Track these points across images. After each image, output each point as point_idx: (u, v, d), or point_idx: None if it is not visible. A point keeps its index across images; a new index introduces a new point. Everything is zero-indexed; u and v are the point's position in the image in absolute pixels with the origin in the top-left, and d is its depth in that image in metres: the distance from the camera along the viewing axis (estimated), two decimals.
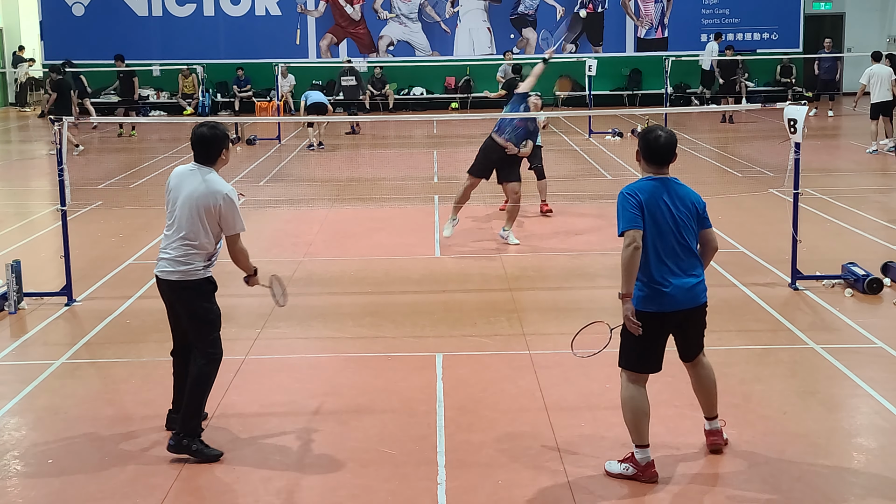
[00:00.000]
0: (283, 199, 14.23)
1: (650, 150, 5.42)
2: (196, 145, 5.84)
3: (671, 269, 5.31)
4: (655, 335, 5.38)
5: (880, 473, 5.51)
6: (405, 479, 5.46)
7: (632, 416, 5.41)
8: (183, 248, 5.76)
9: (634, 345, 5.39)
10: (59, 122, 8.91)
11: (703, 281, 5.42)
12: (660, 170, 5.42)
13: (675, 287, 5.30)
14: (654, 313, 5.32)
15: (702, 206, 5.47)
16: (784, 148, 9.50)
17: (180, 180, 5.87)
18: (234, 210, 5.81)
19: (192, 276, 5.79)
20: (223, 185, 5.83)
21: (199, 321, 5.84)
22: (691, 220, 5.37)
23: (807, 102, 10.23)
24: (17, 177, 17.92)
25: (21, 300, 8.81)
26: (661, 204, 5.30)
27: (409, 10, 28.80)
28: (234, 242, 5.88)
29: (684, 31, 28.66)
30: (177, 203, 5.80)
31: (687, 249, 5.35)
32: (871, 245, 10.68)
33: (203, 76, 23.77)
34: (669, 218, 5.30)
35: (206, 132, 5.84)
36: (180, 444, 5.68)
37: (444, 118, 26.95)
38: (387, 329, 8.21)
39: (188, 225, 5.75)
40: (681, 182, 5.50)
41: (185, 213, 5.77)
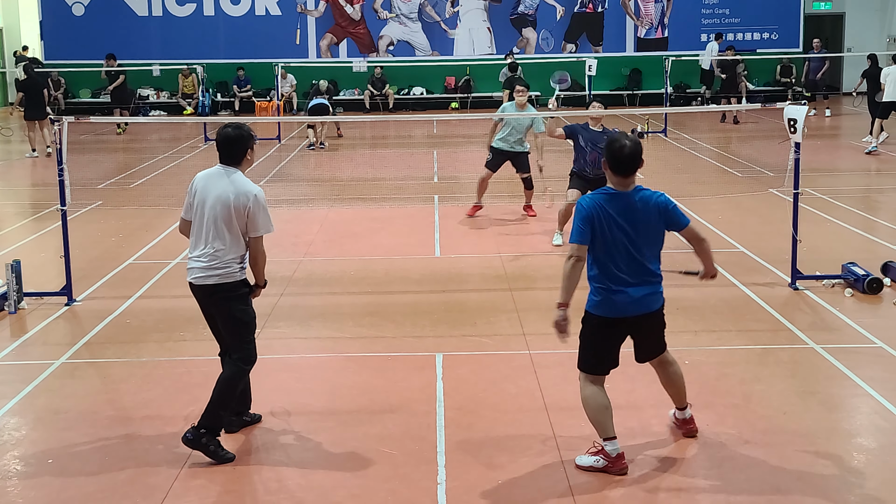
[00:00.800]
0: (283, 199, 14.23)
1: (615, 160, 5.47)
2: (221, 146, 5.84)
3: (624, 279, 5.43)
4: (609, 338, 5.57)
5: (880, 473, 5.51)
6: (405, 479, 5.46)
7: (594, 413, 5.56)
8: (217, 252, 5.75)
9: (591, 348, 5.59)
10: (58, 121, 8.90)
11: (657, 289, 5.54)
12: (624, 180, 5.48)
13: (626, 295, 5.43)
14: (606, 318, 5.50)
15: (670, 208, 5.55)
16: (784, 148, 9.50)
17: (206, 183, 5.84)
18: (263, 211, 5.81)
19: (229, 278, 5.78)
20: (252, 186, 5.83)
21: (236, 323, 5.83)
22: (652, 229, 5.46)
23: (806, 102, 10.21)
24: (17, 177, 17.92)
25: (21, 300, 8.81)
26: (616, 218, 5.39)
27: (409, 10, 28.80)
28: (257, 244, 5.86)
29: (684, 30, 28.66)
30: (205, 206, 5.77)
31: (641, 260, 5.44)
32: (871, 245, 10.68)
33: (203, 76, 23.76)
34: (623, 231, 5.39)
35: (231, 132, 5.83)
36: (199, 440, 5.66)
37: (444, 118, 26.94)
38: (387, 329, 8.21)
39: (220, 228, 5.75)
40: (644, 189, 5.55)
41: (216, 216, 5.75)
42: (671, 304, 8.58)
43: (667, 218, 5.52)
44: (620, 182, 5.48)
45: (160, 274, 9.92)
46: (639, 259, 5.44)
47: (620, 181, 5.48)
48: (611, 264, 5.42)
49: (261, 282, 6.01)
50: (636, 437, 5.93)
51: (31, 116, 19.36)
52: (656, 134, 21.48)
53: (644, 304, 5.49)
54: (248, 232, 5.80)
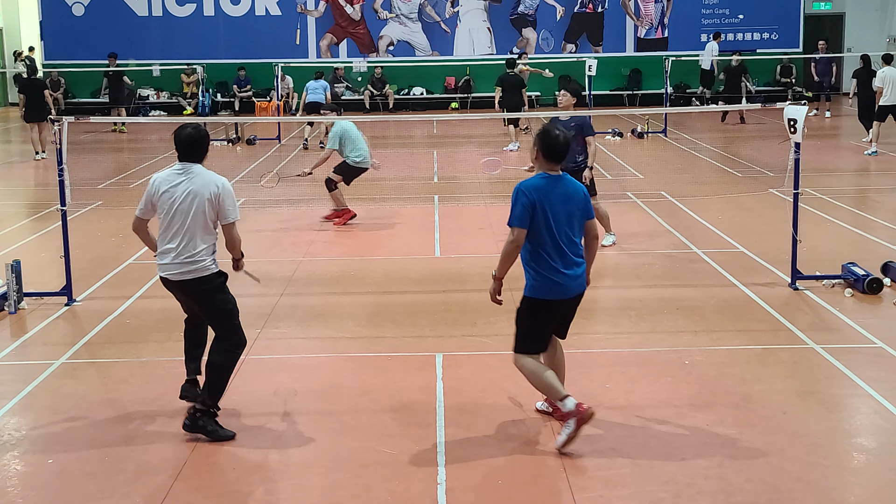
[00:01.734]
0: (283, 199, 14.23)
1: (550, 148, 5.76)
2: (186, 145, 6.07)
3: (561, 262, 5.74)
4: (545, 320, 5.88)
5: (880, 473, 5.51)
6: (405, 479, 5.46)
7: (540, 381, 5.84)
8: (189, 247, 5.96)
9: (528, 331, 5.87)
10: (58, 122, 8.90)
11: (583, 270, 5.89)
12: (555, 167, 5.80)
13: (568, 277, 5.77)
14: (545, 301, 5.80)
15: (587, 196, 5.92)
16: (784, 148, 9.50)
17: (172, 181, 6.04)
18: (231, 198, 6.07)
19: (204, 272, 6.01)
20: (218, 177, 6.11)
21: (219, 314, 6.07)
22: (580, 213, 5.81)
23: (807, 102, 10.21)
24: (17, 177, 17.92)
25: (21, 300, 8.81)
26: (553, 201, 5.70)
27: (409, 10, 28.80)
28: (230, 231, 6.10)
29: (684, 31, 28.67)
30: (174, 205, 5.98)
31: (574, 242, 5.80)
32: (871, 245, 10.68)
33: (203, 76, 23.77)
34: (561, 214, 5.72)
35: (193, 132, 6.10)
36: (196, 423, 5.91)
37: (444, 118, 26.95)
38: (387, 329, 8.21)
39: (191, 223, 5.95)
40: (569, 177, 5.88)
41: (186, 212, 5.96)
42: (671, 304, 8.65)
43: (588, 205, 5.87)
44: (552, 168, 5.80)
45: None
46: (573, 241, 5.79)
47: (552, 167, 5.80)
48: (549, 247, 5.71)
49: (238, 255, 6.33)
50: (636, 436, 5.93)
51: (31, 118, 19.23)
52: (656, 134, 21.49)
53: (579, 285, 5.85)
54: (220, 220, 6.04)
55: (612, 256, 10.55)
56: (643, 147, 20.07)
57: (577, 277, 5.82)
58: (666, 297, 8.90)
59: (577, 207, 5.78)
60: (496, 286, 5.88)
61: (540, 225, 5.67)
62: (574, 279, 5.79)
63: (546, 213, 5.67)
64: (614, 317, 8.51)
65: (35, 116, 19.07)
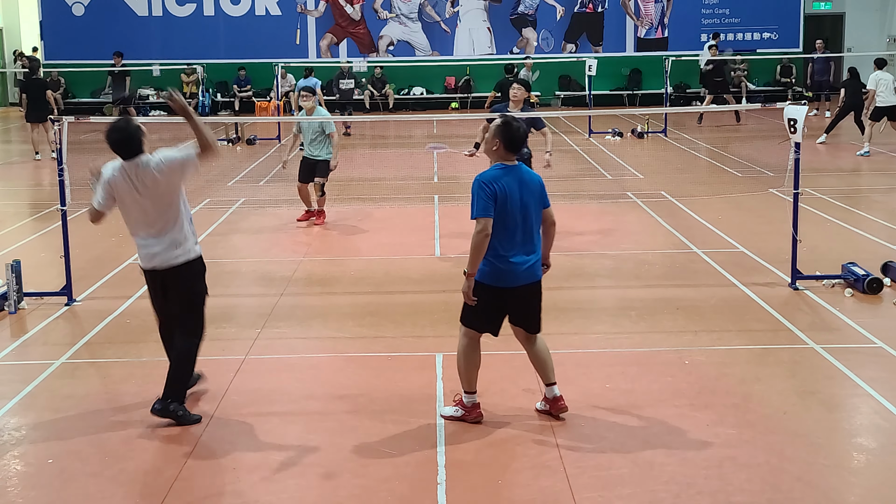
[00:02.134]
0: (283, 199, 14.23)
1: (511, 139, 5.93)
2: (120, 146, 6.16)
3: (514, 250, 5.88)
4: (494, 306, 5.99)
5: (880, 473, 5.51)
6: (405, 479, 5.46)
7: (465, 365, 6.10)
8: (170, 233, 6.05)
9: (475, 308, 5.98)
10: (58, 121, 8.90)
11: (539, 259, 6.03)
12: (512, 157, 5.96)
13: (515, 265, 5.88)
14: (494, 287, 5.92)
15: (543, 185, 6.08)
16: (784, 148, 9.49)
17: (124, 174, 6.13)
18: (173, 150, 6.11)
19: (191, 254, 6.12)
20: (154, 153, 6.19)
21: (194, 300, 6.20)
22: (536, 203, 5.96)
23: (807, 102, 10.21)
24: (17, 177, 17.91)
25: (21, 300, 8.81)
26: (512, 191, 5.85)
27: (409, 10, 28.80)
28: (189, 155, 6.11)
29: (684, 31, 28.67)
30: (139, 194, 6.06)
31: (529, 231, 5.93)
32: (871, 245, 10.68)
33: (203, 76, 23.78)
34: (518, 203, 5.86)
35: (118, 135, 6.19)
36: (167, 408, 6.07)
37: (444, 118, 26.93)
38: (387, 329, 8.21)
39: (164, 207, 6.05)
40: (525, 166, 6.07)
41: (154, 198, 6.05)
42: (671, 304, 8.65)
43: (543, 193, 6.03)
44: (509, 158, 5.96)
45: None
46: (529, 229, 5.93)
47: (509, 157, 5.95)
48: (505, 236, 5.83)
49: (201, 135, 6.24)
50: (636, 436, 5.93)
51: (33, 118, 19.19)
52: (656, 134, 21.49)
53: (531, 273, 5.96)
54: (185, 169, 6.10)
55: (612, 256, 10.55)
56: (643, 147, 20.07)
57: (529, 266, 5.93)
58: (666, 297, 8.90)
59: (533, 196, 5.93)
60: (469, 283, 5.90)
61: (500, 214, 5.81)
62: (524, 268, 5.91)
63: (504, 203, 5.81)
64: (614, 317, 8.51)
65: (35, 117, 19.04)
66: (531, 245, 5.95)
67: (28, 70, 20.56)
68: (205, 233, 11.90)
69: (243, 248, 11.39)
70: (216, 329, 8.19)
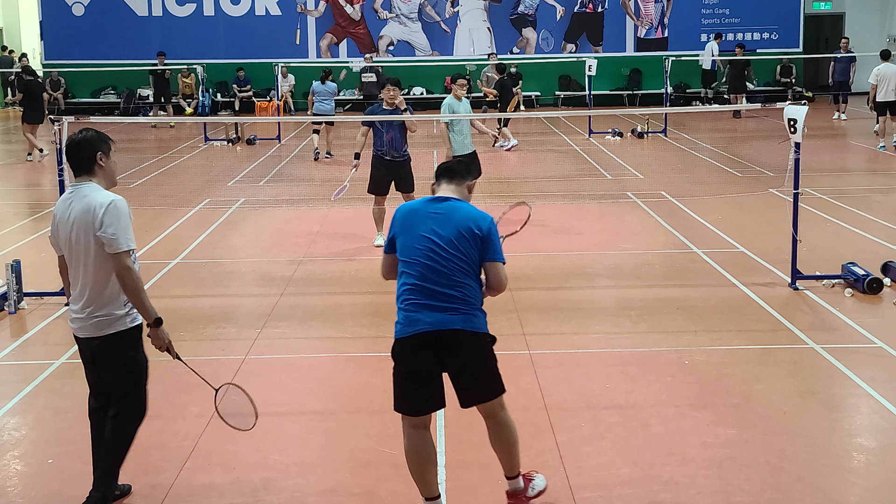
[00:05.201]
0: (284, 199, 14.23)
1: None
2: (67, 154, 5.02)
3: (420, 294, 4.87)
4: (408, 368, 4.96)
5: (880, 473, 5.51)
6: (405, 479, 5.45)
7: (411, 465, 4.93)
8: (88, 295, 4.93)
9: (396, 386, 4.96)
10: (58, 122, 8.90)
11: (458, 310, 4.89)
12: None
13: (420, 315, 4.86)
14: (401, 339, 4.92)
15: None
16: (784, 148, 9.49)
17: (61, 209, 4.98)
18: (116, 220, 4.82)
19: (113, 328, 4.95)
20: (104, 195, 4.89)
21: (123, 374, 5.06)
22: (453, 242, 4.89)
23: (806, 102, 10.21)
24: (17, 177, 17.91)
25: (21, 300, 8.81)
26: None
27: (409, 10, 28.80)
28: (118, 262, 4.82)
29: (684, 30, 28.67)
30: (70, 238, 4.94)
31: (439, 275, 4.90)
32: (871, 245, 10.68)
33: (203, 76, 23.78)
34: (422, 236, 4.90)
35: (75, 137, 5.02)
36: (94, 499, 4.98)
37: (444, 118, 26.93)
38: (387, 329, 8.14)
39: (84, 262, 4.91)
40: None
41: (76, 248, 4.92)
42: (671, 304, 8.65)
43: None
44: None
45: (160, 274, 9.92)
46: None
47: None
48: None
49: (149, 318, 4.95)
50: (636, 436, 5.93)
51: (30, 119, 19.16)
52: (656, 134, 21.49)
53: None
54: (106, 249, 4.83)
55: (612, 256, 10.55)
56: (643, 147, 20.06)
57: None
58: (666, 297, 8.90)
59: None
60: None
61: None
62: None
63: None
64: (614, 317, 8.50)
65: (32, 118, 19.01)
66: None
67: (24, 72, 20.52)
68: (205, 233, 11.90)
69: (243, 248, 11.38)
70: (216, 329, 8.20)
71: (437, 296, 4.75)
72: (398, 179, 10.88)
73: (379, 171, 10.86)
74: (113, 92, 28.32)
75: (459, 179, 5.05)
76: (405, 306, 4.80)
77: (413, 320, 4.76)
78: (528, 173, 16.46)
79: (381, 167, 10.83)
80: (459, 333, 4.77)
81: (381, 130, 10.70)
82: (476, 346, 4.86)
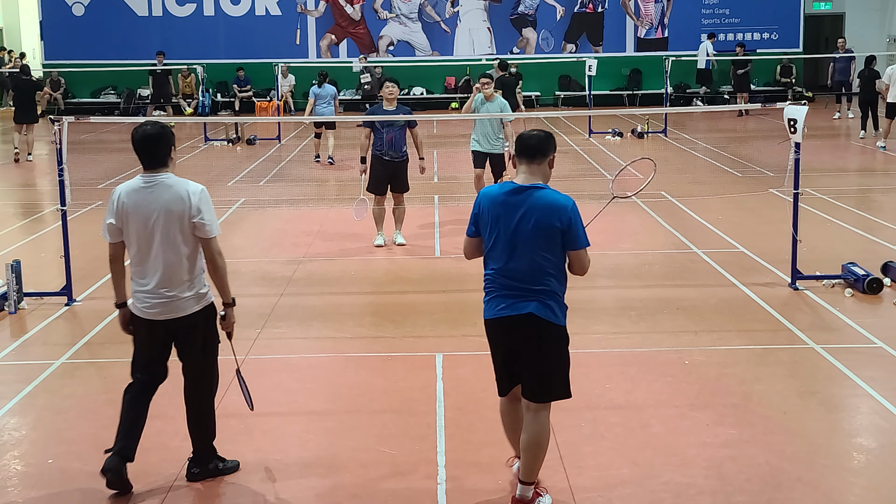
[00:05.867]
0: (284, 199, 14.23)
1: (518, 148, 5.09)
2: (143, 146, 5.16)
3: (505, 280, 5.00)
4: (494, 348, 5.24)
5: (880, 473, 5.51)
6: (405, 479, 5.46)
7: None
8: (171, 279, 5.17)
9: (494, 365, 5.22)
10: (58, 121, 8.90)
11: (539, 298, 4.94)
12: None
13: (502, 301, 5.01)
14: (487, 320, 5.12)
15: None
16: (784, 148, 9.50)
17: (139, 197, 5.18)
18: (208, 207, 5.19)
19: (195, 308, 5.25)
20: (191, 184, 5.24)
21: (211, 349, 5.39)
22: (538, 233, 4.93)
23: (806, 102, 10.21)
24: (17, 177, 17.91)
25: (21, 300, 8.81)
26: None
27: (409, 10, 28.80)
28: (211, 246, 5.20)
29: (684, 31, 28.67)
30: (147, 227, 5.17)
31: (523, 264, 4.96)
32: (871, 245, 10.68)
33: (203, 76, 23.77)
34: (508, 227, 4.95)
35: (152, 129, 5.19)
36: (207, 470, 5.46)
37: (444, 118, 26.93)
38: (387, 329, 8.21)
39: (166, 247, 5.15)
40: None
41: (159, 234, 5.15)
42: (671, 304, 8.65)
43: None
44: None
45: None
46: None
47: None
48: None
49: (227, 298, 5.33)
50: (636, 436, 5.93)
51: (18, 119, 19.07)
52: (656, 134, 21.49)
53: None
54: (198, 235, 5.16)
55: (612, 256, 10.55)
56: (643, 147, 20.06)
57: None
58: (666, 297, 8.90)
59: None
60: None
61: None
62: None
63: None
64: (614, 317, 8.50)
65: (22, 118, 18.94)
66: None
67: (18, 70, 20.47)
68: None
69: (243, 248, 11.38)
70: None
71: (518, 287, 4.88)
72: (393, 179, 10.88)
73: (378, 170, 10.87)
74: (113, 92, 28.31)
75: (541, 158, 4.98)
76: (489, 292, 5.00)
77: (496, 306, 4.95)
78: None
79: (380, 167, 10.83)
80: (534, 321, 4.89)
81: (382, 131, 10.70)
82: (546, 338, 4.95)
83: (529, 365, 4.98)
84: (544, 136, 5.04)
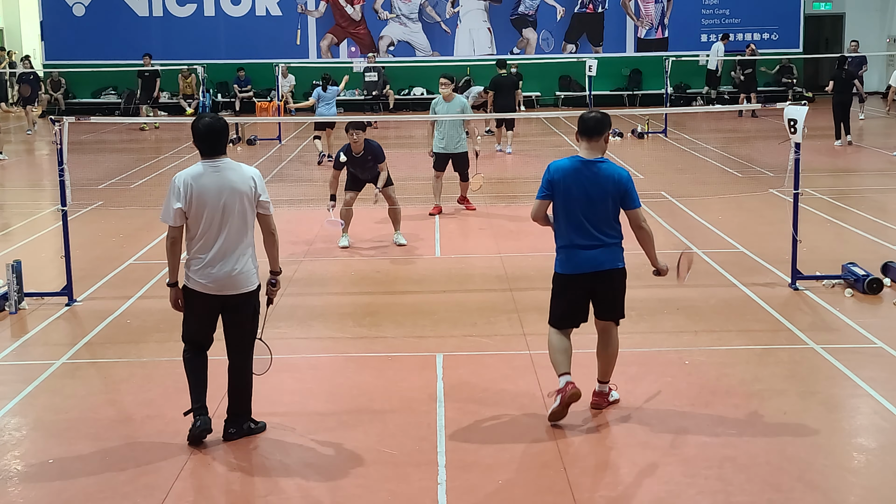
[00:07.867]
0: (284, 199, 14.23)
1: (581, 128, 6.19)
2: (209, 137, 5.75)
3: (578, 237, 6.00)
4: (569, 295, 6.11)
5: (880, 473, 5.52)
6: (405, 479, 5.46)
7: (552, 354, 6.17)
8: (235, 255, 5.75)
9: (556, 306, 6.19)
10: (59, 122, 8.90)
11: (609, 248, 6.02)
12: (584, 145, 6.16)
13: (580, 254, 6.01)
14: (564, 275, 6.11)
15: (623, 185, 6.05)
16: (784, 148, 9.50)
17: (205, 181, 5.71)
18: (265, 187, 5.90)
19: (254, 282, 5.86)
20: (250, 167, 5.92)
21: (254, 322, 5.98)
22: (606, 196, 5.98)
23: (806, 103, 10.21)
24: (17, 177, 17.92)
25: (22, 300, 8.81)
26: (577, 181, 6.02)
27: (409, 11, 28.80)
28: (269, 222, 5.95)
29: (684, 31, 28.66)
30: (217, 205, 5.68)
31: (593, 222, 5.98)
32: (871, 245, 10.68)
33: (203, 76, 23.76)
34: (581, 193, 5.99)
35: (216, 122, 5.81)
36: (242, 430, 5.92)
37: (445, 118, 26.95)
38: (387, 329, 8.21)
39: (231, 224, 5.72)
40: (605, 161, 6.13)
41: (226, 213, 5.71)
42: (671, 304, 8.65)
43: (621, 190, 6.14)
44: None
45: (160, 274, 9.90)
46: (595, 219, 6.07)
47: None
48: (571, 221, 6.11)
49: (277, 267, 6.02)
50: (636, 436, 5.93)
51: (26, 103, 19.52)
52: (656, 134, 21.50)
53: (597, 262, 6.03)
54: (260, 211, 5.86)
55: None
56: (643, 147, 20.07)
57: (594, 256, 6.01)
58: (666, 297, 8.90)
59: (602, 189, 6.05)
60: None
61: (558, 202, 6.08)
62: (588, 257, 6.01)
63: (566, 192, 6.04)
64: None
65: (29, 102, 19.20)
66: (598, 234, 6.01)
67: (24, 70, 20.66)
68: None
69: None
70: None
71: (591, 241, 5.99)
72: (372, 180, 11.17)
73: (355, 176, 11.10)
74: (113, 92, 28.30)
75: (597, 136, 6.10)
76: (564, 247, 6.06)
77: (576, 260, 6.01)
78: (529, 173, 16.45)
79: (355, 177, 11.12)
80: (611, 272, 6.05)
81: (355, 172, 10.95)
82: (617, 278, 6.12)
83: (605, 298, 6.11)
84: (601, 117, 6.12)
